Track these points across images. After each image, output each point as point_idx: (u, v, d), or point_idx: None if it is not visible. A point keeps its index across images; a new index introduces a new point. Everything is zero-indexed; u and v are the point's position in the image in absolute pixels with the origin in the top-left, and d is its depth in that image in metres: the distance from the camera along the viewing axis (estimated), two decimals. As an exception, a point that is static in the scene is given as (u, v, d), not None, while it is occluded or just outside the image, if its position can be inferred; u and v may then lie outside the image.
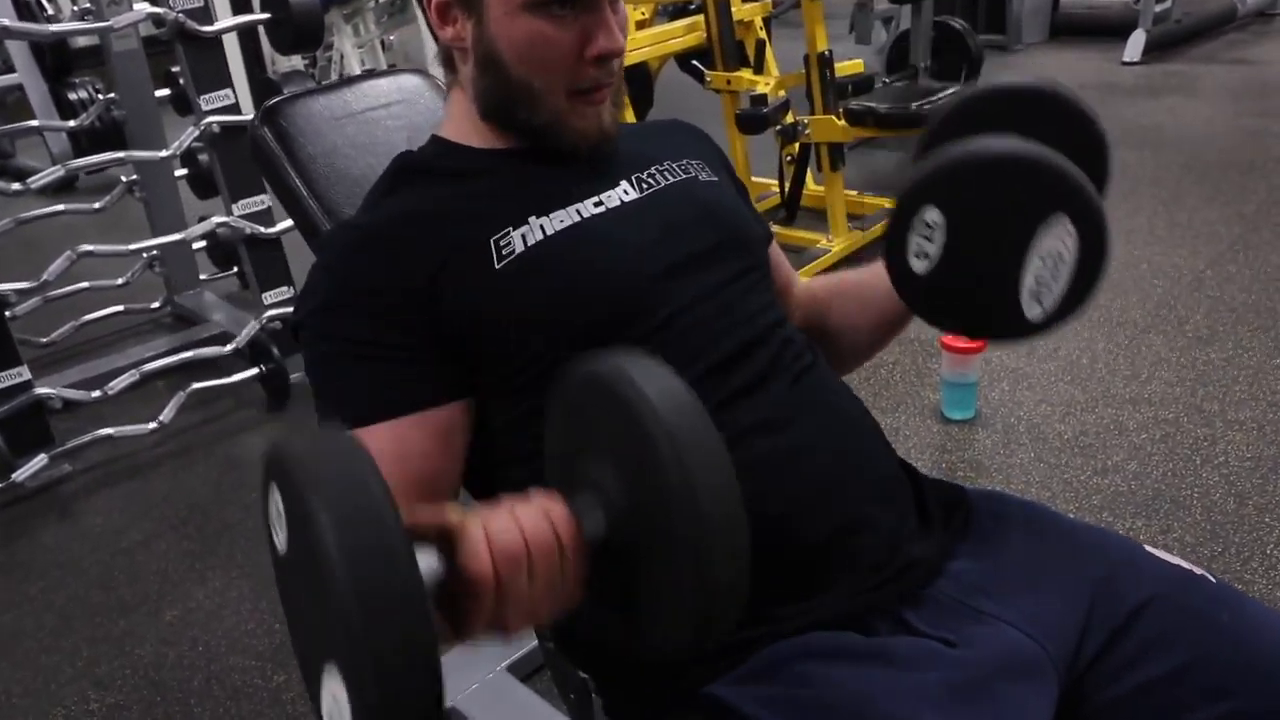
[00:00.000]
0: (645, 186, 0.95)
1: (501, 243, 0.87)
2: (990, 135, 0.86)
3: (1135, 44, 5.60)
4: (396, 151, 1.17)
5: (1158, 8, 5.77)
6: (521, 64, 0.87)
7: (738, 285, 0.94)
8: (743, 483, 0.83)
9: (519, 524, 0.61)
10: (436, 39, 0.96)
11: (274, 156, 1.13)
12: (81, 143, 4.15)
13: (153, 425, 2.45)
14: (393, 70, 1.28)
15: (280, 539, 0.59)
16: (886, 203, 3.42)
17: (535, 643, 1.67)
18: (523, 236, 0.87)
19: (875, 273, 1.01)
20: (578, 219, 0.90)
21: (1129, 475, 2.08)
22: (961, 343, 2.30)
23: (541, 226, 0.88)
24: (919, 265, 0.88)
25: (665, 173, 0.98)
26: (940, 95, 3.24)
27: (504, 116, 0.92)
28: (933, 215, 0.86)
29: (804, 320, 1.08)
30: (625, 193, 0.94)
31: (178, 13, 2.41)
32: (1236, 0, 6.16)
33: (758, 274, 0.98)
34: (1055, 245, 0.83)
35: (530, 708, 1.58)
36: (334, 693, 0.53)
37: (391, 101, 1.22)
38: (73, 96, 4.59)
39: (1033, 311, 0.85)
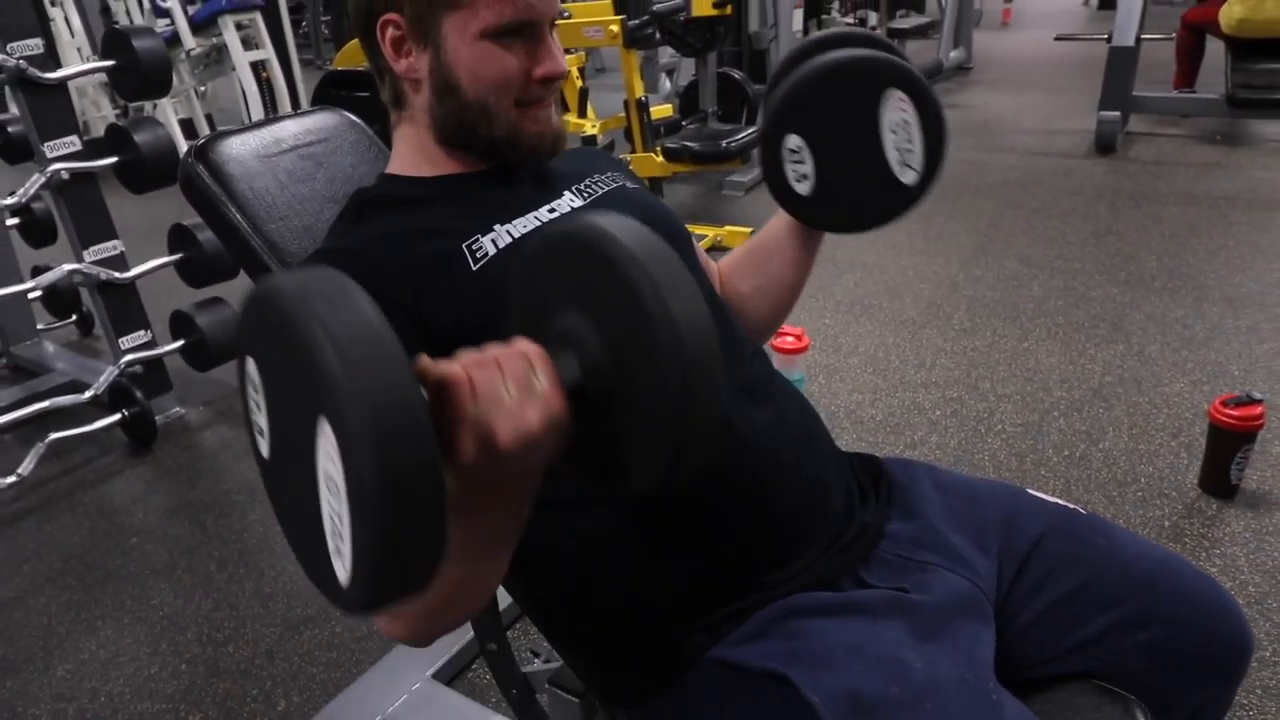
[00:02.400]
0: (588, 195, 0.94)
1: (474, 247, 0.84)
2: (806, 64, 0.92)
3: (871, 92, 6.05)
4: (331, 184, 1.11)
5: (886, 62, 6.26)
6: (477, 85, 0.85)
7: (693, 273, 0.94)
8: (734, 451, 0.84)
9: (487, 351, 0.57)
10: (383, 77, 0.91)
11: (210, 193, 1.02)
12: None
13: (11, 479, 2.16)
14: (312, 109, 1.19)
15: (260, 402, 0.52)
16: (699, 229, 3.52)
17: (458, 647, 1.61)
18: (492, 241, 0.85)
19: (766, 231, 1.06)
20: (538, 224, 0.88)
21: (932, 446, 2.23)
22: (788, 344, 2.40)
23: (508, 231, 0.86)
24: (802, 187, 0.93)
25: (599, 183, 0.97)
26: (737, 134, 3.37)
27: (463, 136, 0.89)
28: (794, 141, 0.91)
29: (726, 299, 1.09)
30: (572, 200, 0.93)
31: (17, 59, 2.14)
32: (941, 57, 6.78)
33: (696, 262, 0.99)
34: (897, 115, 0.89)
35: (461, 710, 1.50)
36: (327, 451, 0.45)
37: (318, 138, 1.14)
38: None
39: (907, 177, 0.92)
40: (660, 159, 3.14)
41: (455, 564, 0.53)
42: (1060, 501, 0.97)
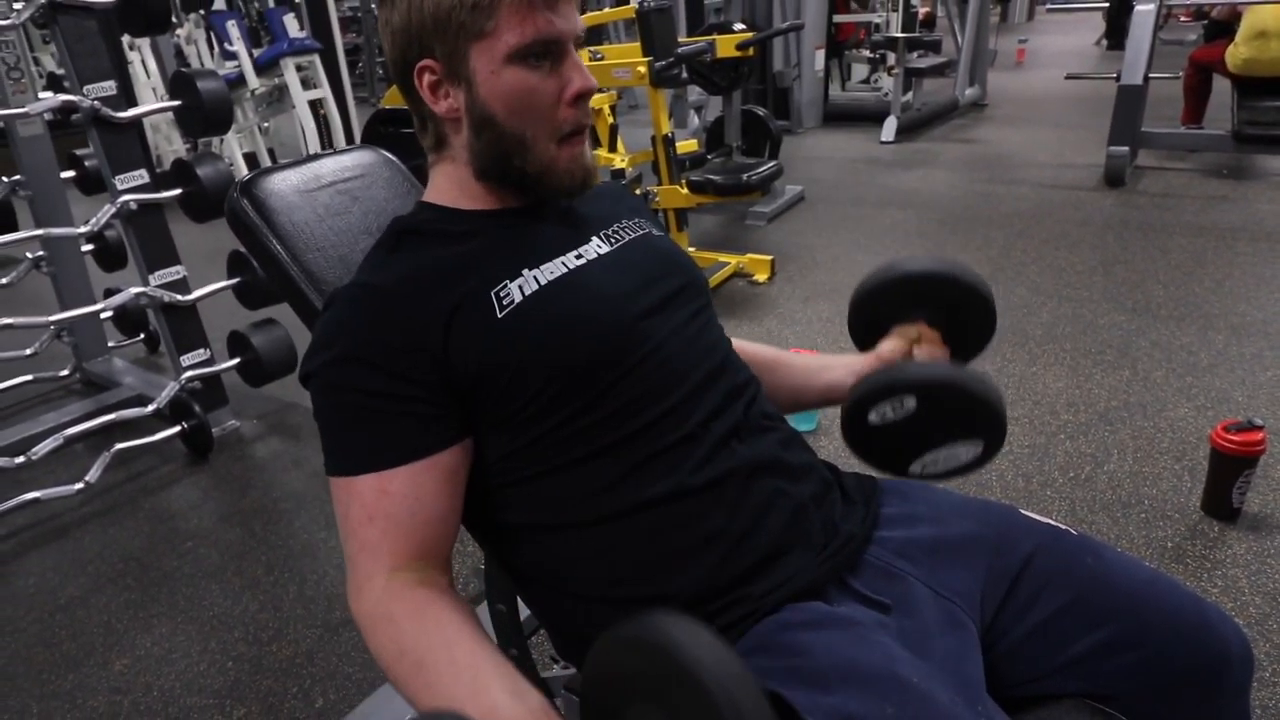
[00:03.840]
0: (614, 240, 0.94)
1: (501, 294, 0.83)
2: (966, 367, 0.97)
3: (889, 127, 6.03)
4: (366, 217, 1.12)
5: (904, 99, 6.25)
6: (512, 116, 0.84)
7: (697, 321, 0.94)
8: (732, 483, 0.84)
9: None
10: (425, 124, 0.91)
11: (254, 225, 1.04)
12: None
13: (79, 485, 2.19)
14: (351, 148, 1.21)
15: None
16: (721, 257, 3.52)
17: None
18: (520, 287, 0.84)
19: (797, 358, 1.09)
20: (564, 270, 0.87)
21: (942, 466, 2.20)
22: (804, 367, 2.38)
23: (535, 277, 0.85)
24: (873, 418, 0.97)
25: (626, 229, 0.97)
26: (757, 168, 3.36)
27: (500, 167, 0.87)
28: (910, 401, 0.95)
29: None
30: (599, 246, 0.92)
31: (93, 100, 2.20)
32: (957, 94, 6.74)
33: (709, 310, 0.98)
34: (960, 451, 0.96)
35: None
36: None
37: (355, 174, 1.15)
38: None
39: (913, 469, 0.98)
40: (685, 191, 3.14)
41: None
42: (1052, 522, 0.95)
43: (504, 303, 0.83)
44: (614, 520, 0.83)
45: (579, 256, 0.89)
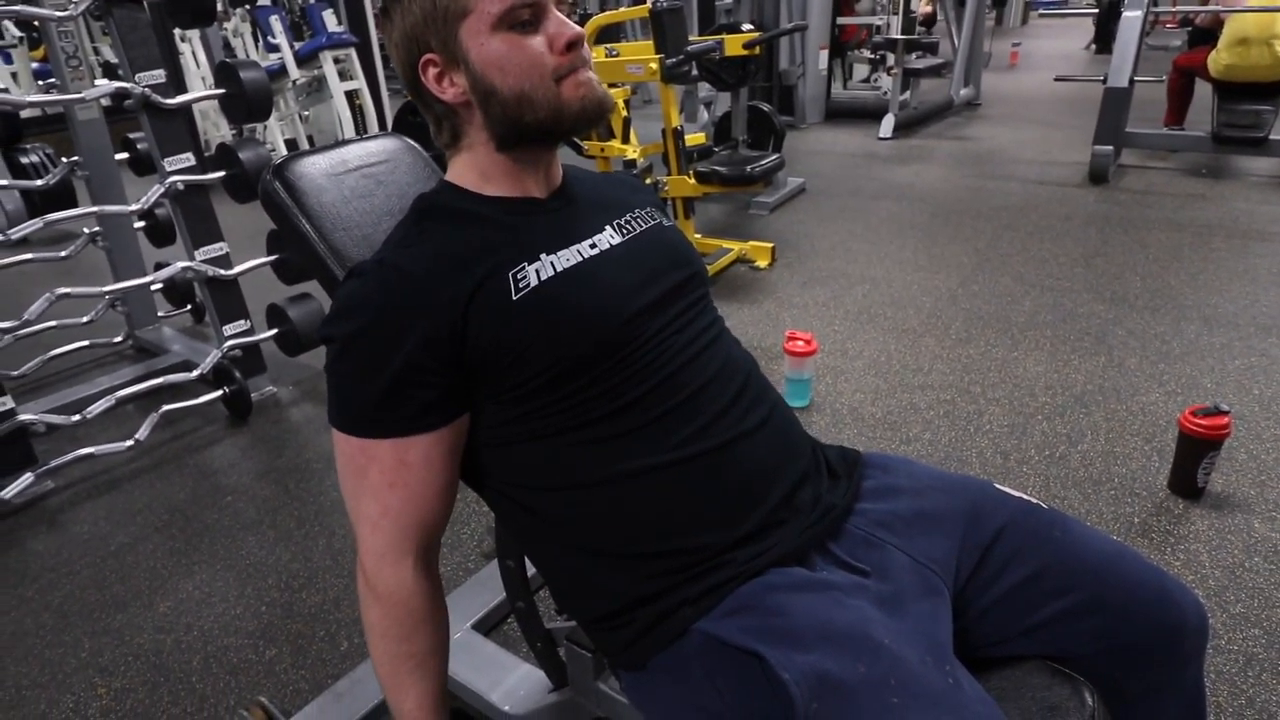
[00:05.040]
0: (626, 231, 0.92)
1: (518, 275, 0.82)
2: None
3: (887, 124, 5.95)
4: (389, 199, 1.11)
5: (902, 98, 6.16)
6: (509, 78, 0.82)
7: (697, 308, 0.93)
8: (723, 455, 0.83)
9: None
10: (440, 122, 0.89)
11: (285, 205, 1.03)
12: (34, 201, 3.74)
13: (129, 443, 2.21)
14: (377, 135, 1.20)
15: None
16: (724, 244, 3.49)
17: (495, 603, 1.62)
18: (536, 271, 0.82)
19: None
20: (579, 259, 0.85)
21: (925, 442, 2.19)
22: (800, 348, 2.37)
23: (552, 264, 0.84)
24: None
25: (638, 219, 0.95)
26: (761, 161, 3.33)
27: (517, 131, 0.85)
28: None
29: None
30: (611, 236, 0.90)
31: (144, 87, 2.19)
32: (952, 94, 6.64)
33: (709, 298, 0.97)
34: None
35: (495, 657, 1.51)
36: None
37: (379, 160, 1.14)
38: (24, 160, 4.13)
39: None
40: (693, 181, 3.12)
41: None
42: (1024, 496, 0.94)
43: (520, 285, 0.82)
44: (606, 487, 0.83)
45: (593, 246, 0.88)
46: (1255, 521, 1.80)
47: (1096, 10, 6.79)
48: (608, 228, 0.91)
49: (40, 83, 6.09)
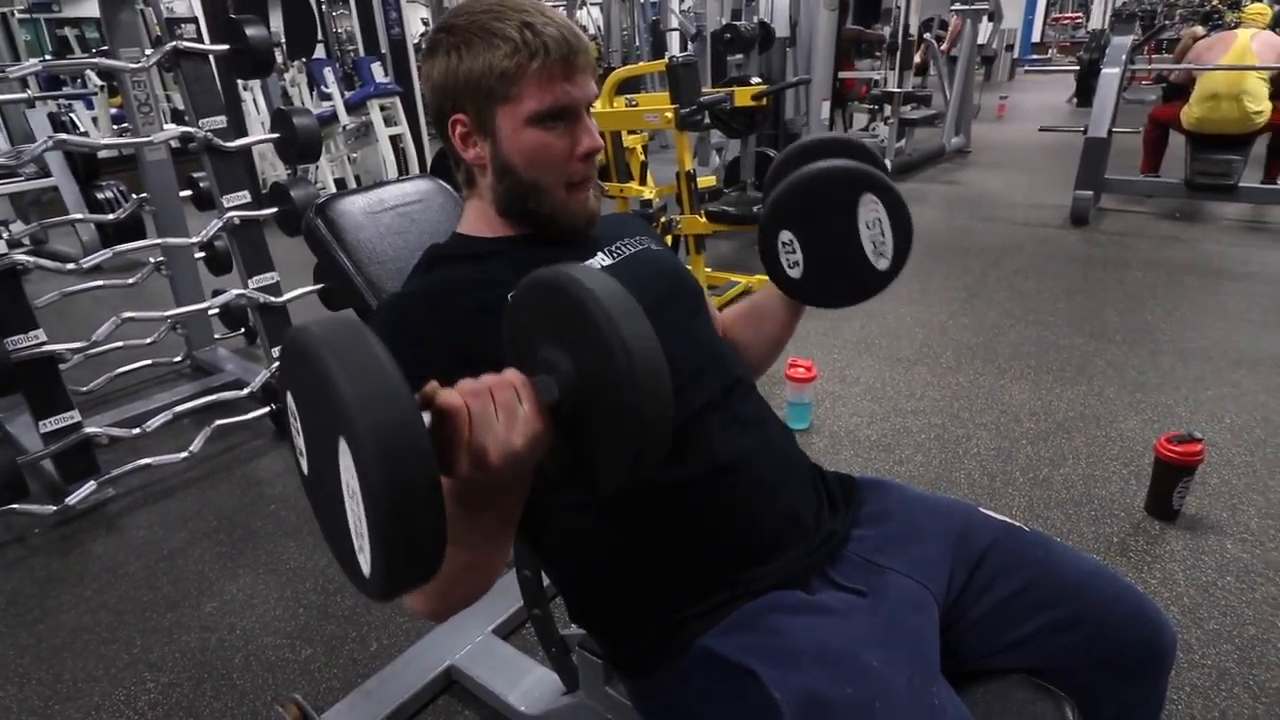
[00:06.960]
0: (616, 255, 0.92)
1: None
2: (796, 171, 0.90)
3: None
4: (422, 236, 1.12)
5: (897, 145, 6.17)
6: (530, 168, 0.83)
7: (693, 321, 0.92)
8: (727, 475, 0.81)
9: (483, 380, 0.56)
10: (458, 164, 0.90)
11: (326, 240, 1.05)
12: (107, 232, 3.80)
13: (184, 454, 2.22)
14: (412, 176, 1.21)
15: (299, 428, 0.52)
16: (733, 277, 3.49)
17: (513, 610, 1.60)
18: None
19: (761, 296, 1.03)
20: None
21: (917, 464, 2.16)
22: (800, 374, 2.35)
23: None
24: (794, 272, 0.91)
25: (627, 245, 0.95)
26: (767, 202, 3.32)
27: (518, 209, 0.87)
28: (786, 236, 0.89)
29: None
30: (602, 260, 0.91)
31: (206, 131, 2.23)
32: (944, 142, 6.64)
33: (704, 313, 0.96)
34: (871, 214, 0.87)
35: (512, 660, 1.49)
36: (347, 466, 0.45)
37: (414, 200, 1.15)
38: (100, 196, 4.22)
39: (881, 264, 0.89)
40: (704, 220, 3.12)
41: (460, 550, 0.52)
42: (1008, 519, 0.92)
43: None
44: (614, 508, 0.81)
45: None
46: (1227, 542, 1.76)
47: (1078, 67, 6.78)
48: (599, 254, 0.91)
49: (115, 126, 6.23)
